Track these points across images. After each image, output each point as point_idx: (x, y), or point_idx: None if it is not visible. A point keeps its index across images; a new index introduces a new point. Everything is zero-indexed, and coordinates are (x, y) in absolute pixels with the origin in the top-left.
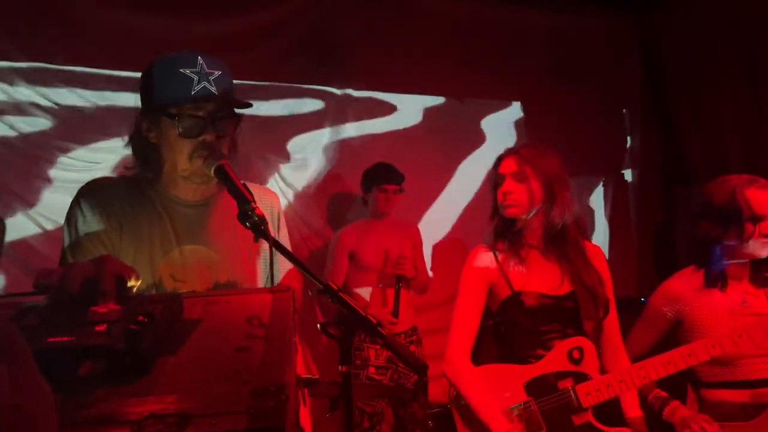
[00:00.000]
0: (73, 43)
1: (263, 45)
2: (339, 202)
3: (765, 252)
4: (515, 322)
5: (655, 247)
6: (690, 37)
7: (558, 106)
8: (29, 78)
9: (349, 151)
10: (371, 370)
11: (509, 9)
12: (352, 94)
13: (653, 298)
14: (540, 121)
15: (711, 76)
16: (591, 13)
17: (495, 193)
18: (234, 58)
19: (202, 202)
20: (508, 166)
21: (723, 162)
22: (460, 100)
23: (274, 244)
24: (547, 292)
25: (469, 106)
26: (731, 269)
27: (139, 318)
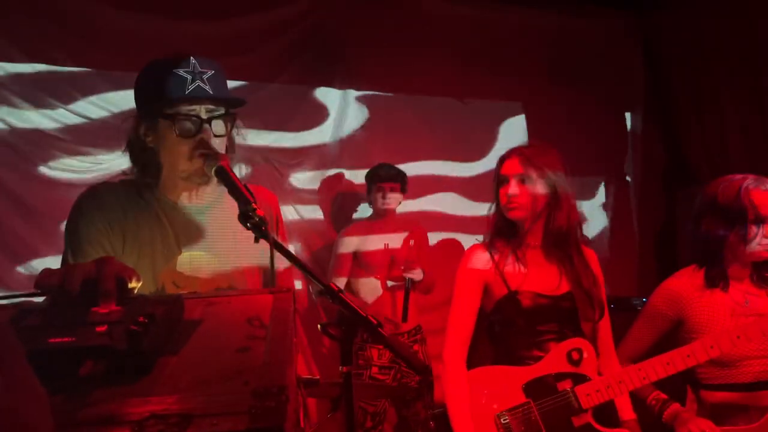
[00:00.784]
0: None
1: (264, 46)
2: (341, 203)
3: (767, 254)
4: (511, 322)
5: (656, 248)
6: (692, 36)
7: (559, 107)
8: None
9: (351, 151)
10: (374, 370)
11: (510, 9)
12: (353, 94)
13: (653, 297)
14: (541, 121)
15: (713, 76)
16: (593, 14)
17: (497, 193)
18: (235, 59)
19: (202, 207)
20: (512, 167)
21: (726, 162)
22: (462, 101)
23: (274, 244)
24: (544, 292)
25: (470, 106)
26: (732, 269)
27: (140, 319)
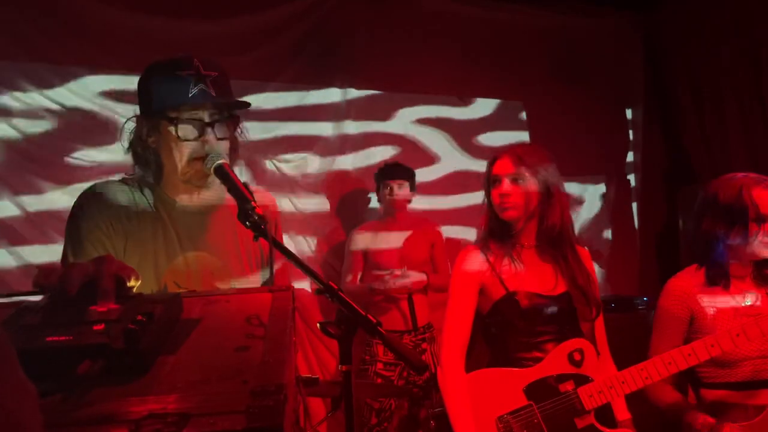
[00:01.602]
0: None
1: (265, 45)
2: (346, 204)
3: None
4: (510, 324)
5: (657, 246)
6: (693, 34)
7: (561, 106)
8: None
9: (353, 151)
10: (379, 366)
11: (512, 8)
12: (354, 93)
13: (662, 301)
14: (543, 120)
15: (714, 74)
16: (594, 13)
17: (489, 194)
18: (237, 58)
19: (203, 207)
20: (504, 167)
21: (726, 160)
22: (463, 100)
23: (274, 243)
24: (541, 293)
25: (471, 106)
26: (734, 268)
27: (139, 317)
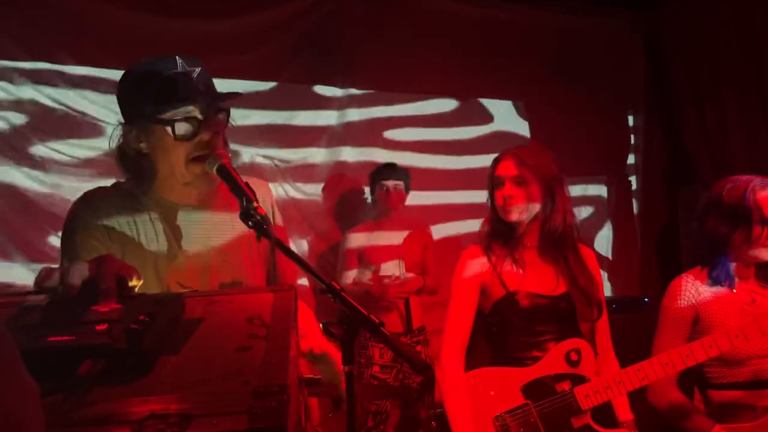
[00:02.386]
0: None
1: (266, 45)
2: (345, 204)
3: None
4: (510, 323)
5: (658, 247)
6: (694, 35)
7: (561, 106)
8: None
9: (354, 151)
10: (376, 368)
11: (511, 8)
12: (355, 93)
13: (666, 301)
14: (543, 121)
15: (715, 75)
16: (594, 13)
17: (492, 195)
18: (237, 58)
19: (200, 204)
20: (507, 169)
21: (728, 161)
22: (463, 100)
23: (276, 243)
24: (542, 293)
25: (471, 106)
26: (737, 269)
27: (141, 317)
